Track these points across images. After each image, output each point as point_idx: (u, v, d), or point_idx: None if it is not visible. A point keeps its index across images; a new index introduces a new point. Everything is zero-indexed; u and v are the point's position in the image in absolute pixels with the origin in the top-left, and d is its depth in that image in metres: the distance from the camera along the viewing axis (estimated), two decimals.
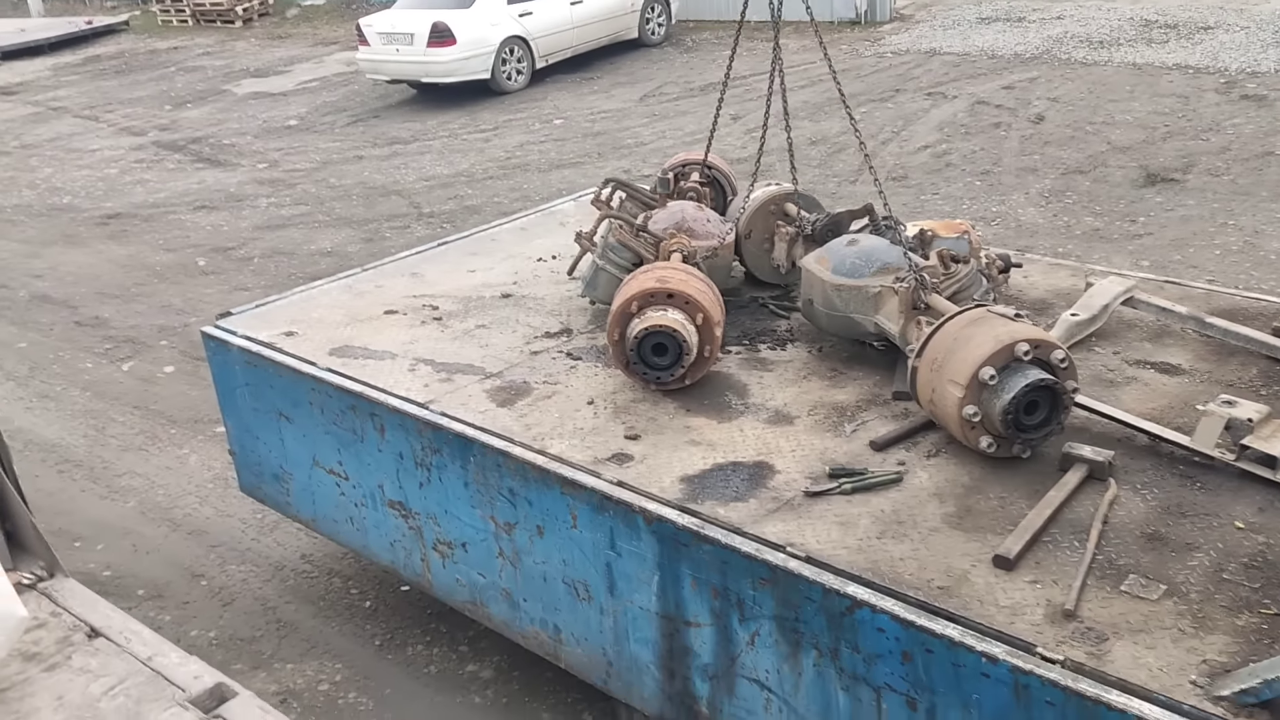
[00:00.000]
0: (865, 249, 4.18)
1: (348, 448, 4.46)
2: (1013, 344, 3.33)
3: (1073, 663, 2.60)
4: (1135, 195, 9.21)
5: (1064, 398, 3.37)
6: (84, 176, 13.70)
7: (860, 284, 4.06)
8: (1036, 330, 3.46)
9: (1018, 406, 3.31)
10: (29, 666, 2.88)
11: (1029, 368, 3.35)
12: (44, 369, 8.34)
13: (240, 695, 2.67)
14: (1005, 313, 3.56)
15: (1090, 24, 15.32)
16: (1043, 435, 3.41)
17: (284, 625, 5.26)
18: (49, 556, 3.27)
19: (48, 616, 3.07)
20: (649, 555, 3.45)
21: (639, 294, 3.94)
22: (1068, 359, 3.39)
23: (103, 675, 2.79)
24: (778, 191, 4.95)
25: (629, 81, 15.75)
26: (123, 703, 2.69)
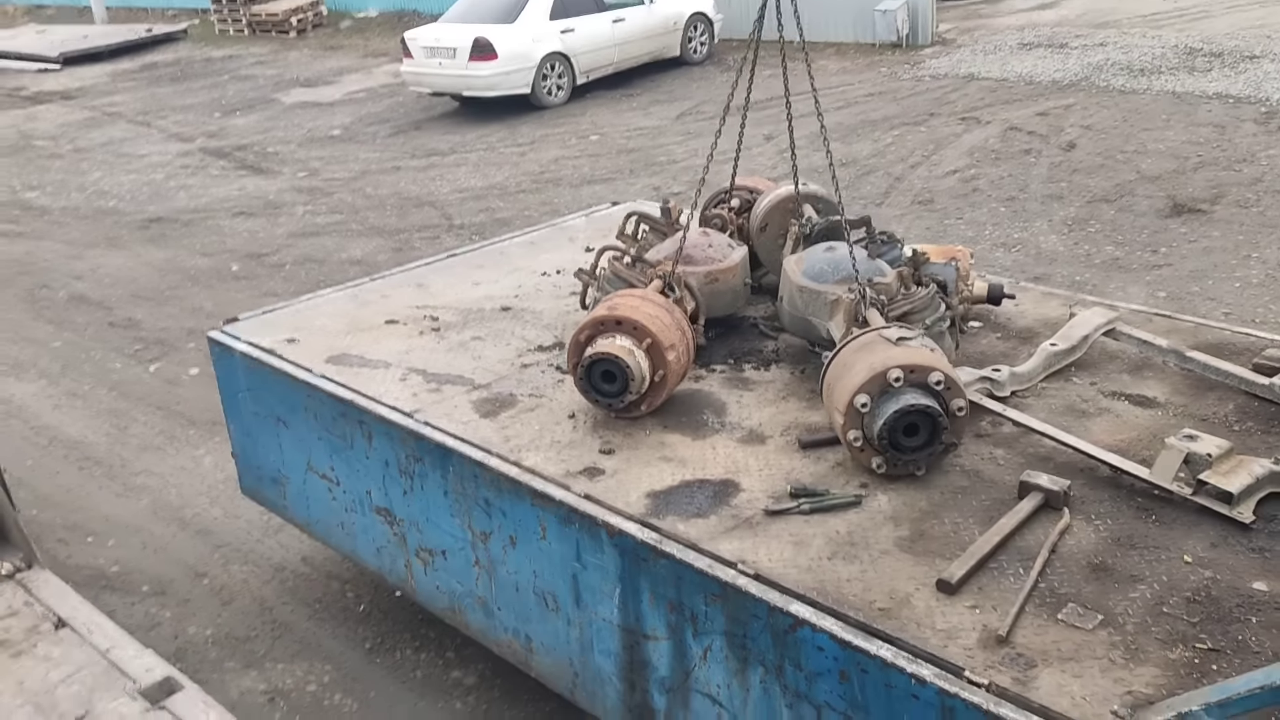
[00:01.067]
0: (838, 257, 4.25)
1: (339, 454, 4.59)
2: (884, 371, 3.45)
3: (997, 687, 2.63)
4: (1159, 225, 9.13)
5: (940, 420, 3.44)
6: (130, 181, 14.10)
7: (821, 289, 4.15)
8: (915, 354, 3.52)
9: (891, 431, 3.44)
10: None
11: (902, 393, 3.45)
12: (75, 368, 8.61)
13: (187, 689, 2.79)
14: (891, 337, 3.62)
15: (1133, 51, 15.18)
16: (928, 455, 3.50)
17: (279, 625, 5.39)
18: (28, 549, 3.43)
19: (21, 606, 3.22)
20: (611, 568, 3.52)
21: (590, 323, 4.02)
22: (946, 380, 3.47)
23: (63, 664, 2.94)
24: (792, 191, 4.99)
25: (668, 99, 15.88)
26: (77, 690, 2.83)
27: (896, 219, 9.74)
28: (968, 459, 3.65)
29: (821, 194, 5.03)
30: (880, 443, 3.47)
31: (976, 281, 4.71)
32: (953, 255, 4.69)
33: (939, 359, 3.59)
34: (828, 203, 5.00)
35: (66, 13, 30.01)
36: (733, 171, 5.34)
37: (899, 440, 3.47)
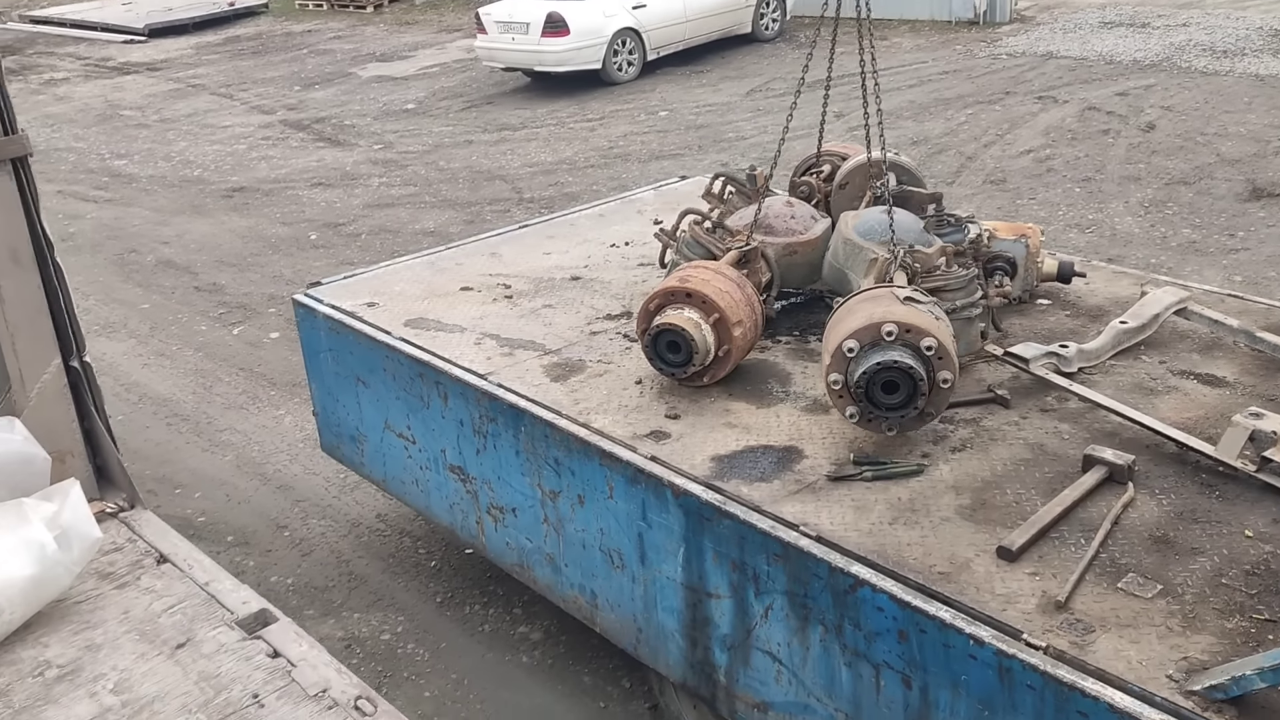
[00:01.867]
0: (884, 219, 4.25)
1: (415, 413, 4.76)
2: (880, 324, 3.47)
3: (1055, 650, 2.70)
4: (1238, 209, 8.95)
5: (920, 383, 3.44)
6: (214, 151, 14.48)
7: (865, 245, 4.20)
8: (915, 316, 3.51)
9: (868, 382, 3.47)
10: (103, 584, 3.25)
11: (891, 348, 3.46)
12: (163, 329, 8.95)
13: (280, 621, 2.98)
14: (900, 295, 3.63)
15: (1216, 32, 14.79)
16: (900, 416, 3.52)
17: (355, 578, 5.61)
18: (131, 490, 3.64)
19: (124, 542, 3.44)
20: (676, 528, 3.64)
21: (660, 293, 4.11)
22: (939, 350, 3.45)
23: (165, 595, 3.14)
24: (889, 157, 5.00)
25: (738, 76, 15.85)
26: (179, 620, 3.03)
27: (968, 198, 9.67)
28: (1031, 433, 3.69)
29: (908, 165, 5.03)
30: (857, 391, 3.51)
31: (1047, 259, 4.71)
32: (1023, 232, 4.69)
33: (940, 328, 3.56)
34: (913, 175, 5.00)
35: None
36: (819, 138, 5.32)
37: (875, 394, 3.50)
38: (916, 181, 5.00)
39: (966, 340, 4.05)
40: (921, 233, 4.34)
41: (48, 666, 2.93)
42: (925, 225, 4.49)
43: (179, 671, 2.84)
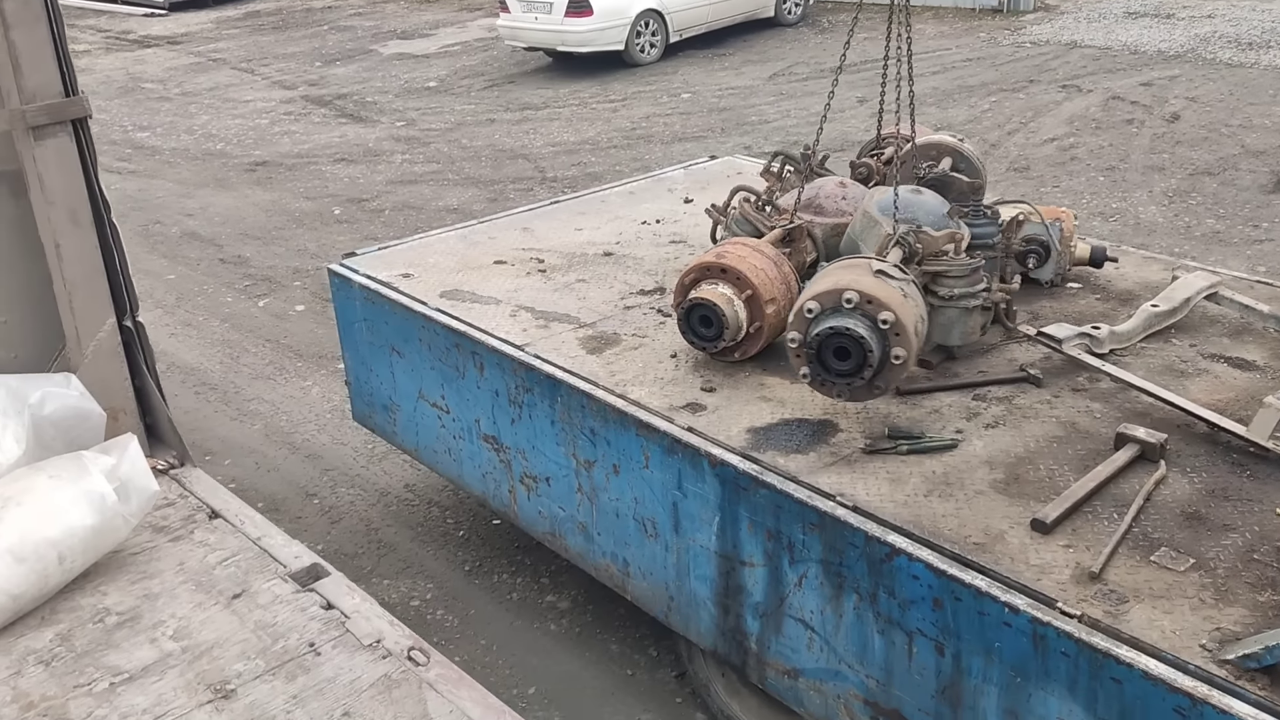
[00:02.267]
0: (916, 200, 4.26)
1: (450, 383, 4.83)
2: (842, 290, 3.57)
3: (1090, 619, 2.76)
4: (1262, 200, 8.96)
5: (869, 354, 3.53)
6: (237, 125, 14.55)
7: (881, 220, 4.19)
8: (880, 288, 3.57)
9: (820, 345, 3.59)
10: (157, 537, 3.34)
11: (847, 315, 3.56)
12: (189, 300, 9.03)
13: (333, 575, 3.06)
14: (874, 266, 3.70)
15: (1242, 24, 14.74)
16: (848, 384, 3.61)
17: (384, 545, 5.70)
18: (181, 448, 3.73)
19: (176, 498, 3.53)
20: (711, 497, 3.70)
21: (696, 267, 4.15)
22: (896, 325, 3.52)
23: (219, 549, 3.23)
24: (943, 140, 4.98)
25: (760, 60, 15.85)
26: (233, 572, 3.12)
27: (991, 185, 9.60)
28: (1064, 411, 3.75)
29: (968, 152, 4.95)
30: (809, 352, 3.63)
31: (1079, 244, 4.74)
32: (1057, 216, 4.72)
33: (903, 305, 3.59)
34: (970, 163, 4.95)
35: None
36: (879, 120, 5.21)
37: (826, 357, 3.61)
38: (973, 169, 4.93)
39: (962, 329, 4.05)
40: (943, 218, 4.32)
41: (107, 613, 3.02)
42: (953, 212, 4.51)
43: (236, 620, 2.92)
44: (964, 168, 4.94)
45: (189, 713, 2.66)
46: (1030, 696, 2.89)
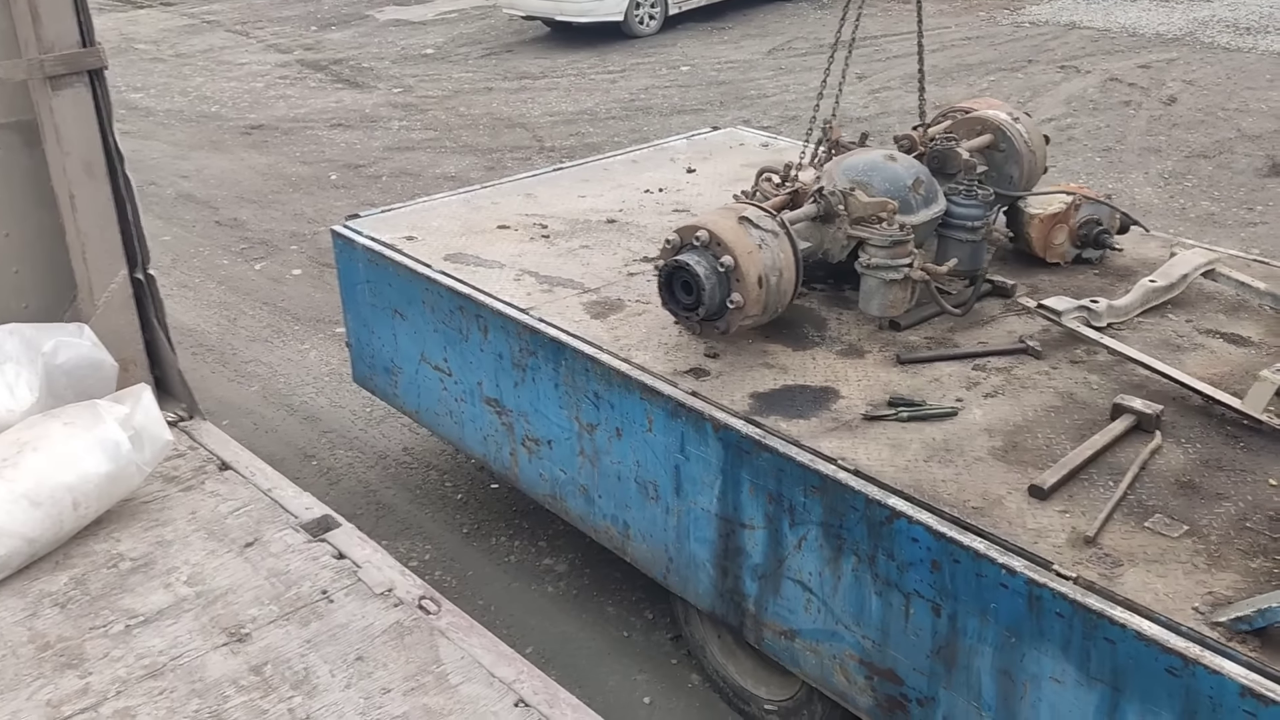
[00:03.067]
0: (879, 165, 4.31)
1: (453, 346, 4.86)
2: (695, 227, 3.90)
3: (1085, 581, 2.83)
4: (1257, 184, 9.04)
5: (702, 292, 3.84)
6: (231, 88, 14.47)
7: (837, 179, 4.29)
8: (729, 232, 3.86)
9: (669, 277, 3.98)
10: (169, 487, 3.38)
11: (694, 252, 3.88)
12: (185, 261, 9.03)
13: (344, 526, 3.11)
14: (744, 211, 3.97)
15: (1240, 9, 14.77)
16: (686, 317, 4.00)
17: (382, 507, 5.75)
18: (190, 400, 3.76)
19: (186, 449, 3.57)
20: (714, 460, 3.76)
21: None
22: (735, 269, 3.81)
23: (230, 499, 3.27)
24: (991, 116, 4.83)
25: (759, 34, 15.82)
26: (245, 521, 3.16)
27: None
28: (1062, 382, 3.81)
29: (1013, 132, 4.78)
30: (660, 280, 4.01)
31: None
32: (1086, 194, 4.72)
33: (752, 253, 3.84)
34: (1013, 143, 4.77)
35: None
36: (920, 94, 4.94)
37: (673, 288, 3.98)
38: (1014, 150, 4.77)
39: (881, 301, 4.11)
40: (903, 187, 4.26)
41: (121, 559, 3.06)
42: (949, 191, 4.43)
43: (249, 568, 2.97)
44: (1005, 147, 4.77)
45: (204, 654, 2.71)
46: (1024, 656, 2.96)
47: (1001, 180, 4.80)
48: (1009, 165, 4.81)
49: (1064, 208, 4.63)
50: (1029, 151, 4.82)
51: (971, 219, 4.38)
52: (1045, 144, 4.99)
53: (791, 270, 4.00)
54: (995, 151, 4.81)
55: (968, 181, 4.53)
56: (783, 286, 3.98)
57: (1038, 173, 4.92)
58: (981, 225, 4.38)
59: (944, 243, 4.48)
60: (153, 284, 3.79)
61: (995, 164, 4.82)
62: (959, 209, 4.40)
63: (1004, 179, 4.82)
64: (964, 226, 4.40)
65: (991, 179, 4.73)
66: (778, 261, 3.93)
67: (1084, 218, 4.65)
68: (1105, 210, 4.69)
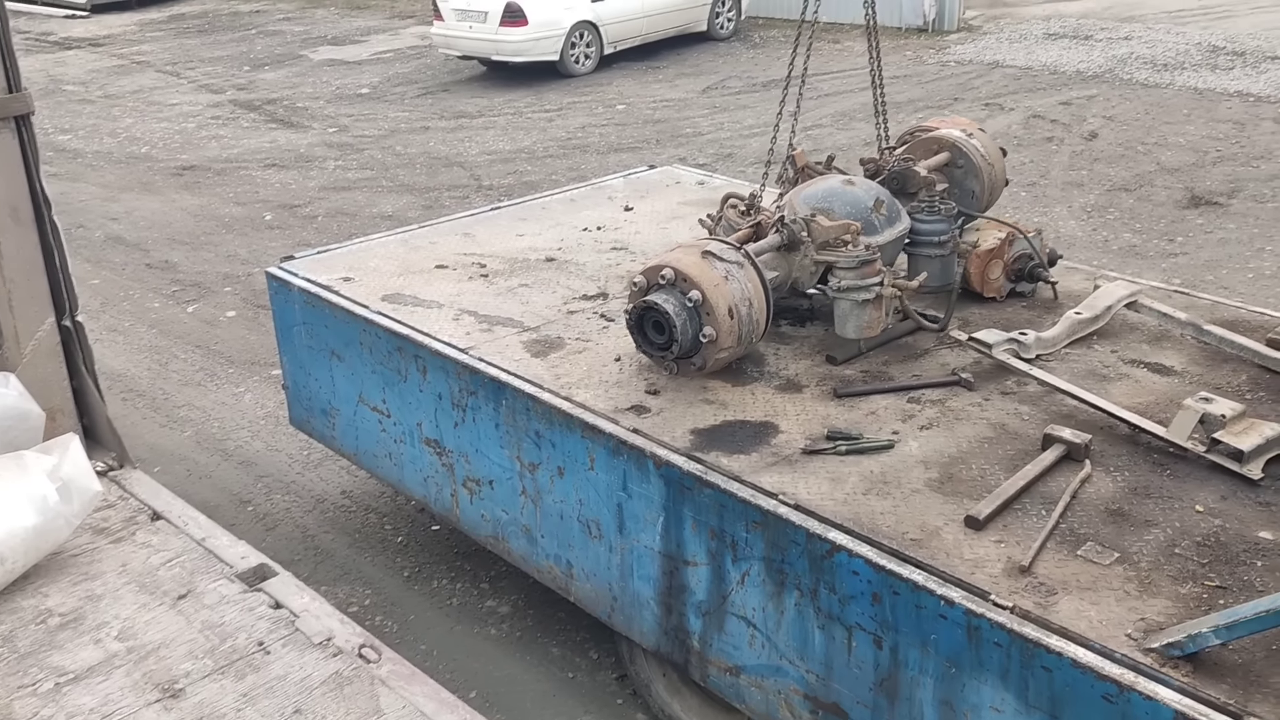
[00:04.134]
0: (839, 191, 4.36)
1: (392, 387, 4.83)
2: (660, 267, 3.89)
3: (1021, 610, 2.88)
4: (1177, 216, 9.34)
5: (673, 330, 3.83)
6: (162, 129, 14.28)
7: (799, 209, 4.31)
8: (695, 268, 3.85)
9: (639, 318, 3.95)
10: (98, 539, 3.29)
11: (662, 291, 3.88)
12: (115, 305, 8.85)
13: (280, 574, 3.06)
14: (709, 247, 3.96)
15: (1157, 46, 15.31)
16: (661, 357, 3.98)
17: (320, 552, 5.65)
18: (120, 449, 3.68)
19: (116, 499, 3.48)
20: (656, 497, 3.76)
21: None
22: (704, 303, 3.81)
23: (162, 550, 3.20)
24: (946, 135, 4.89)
25: (694, 73, 16.02)
26: (178, 573, 3.09)
27: None
28: (994, 413, 3.89)
29: (969, 149, 4.85)
30: (631, 323, 3.99)
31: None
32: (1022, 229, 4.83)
33: (718, 286, 3.84)
34: (970, 160, 4.83)
35: None
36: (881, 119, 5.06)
37: (646, 328, 3.96)
38: (972, 166, 4.87)
39: (856, 322, 4.15)
40: (865, 209, 4.30)
41: (50, 615, 2.97)
42: (912, 209, 4.52)
43: (182, 621, 2.90)
44: (963, 163, 4.89)
45: (137, 712, 2.64)
46: (964, 686, 3.00)
47: (964, 196, 4.89)
48: (969, 180, 4.92)
49: (998, 243, 4.75)
50: (987, 165, 4.93)
51: (937, 234, 4.49)
52: (1003, 156, 5.11)
53: (761, 299, 4.01)
54: (954, 169, 4.92)
55: (929, 198, 4.61)
56: (754, 316, 3.99)
57: (999, 185, 5.02)
58: (948, 239, 4.49)
59: (914, 260, 4.61)
60: (81, 331, 3.71)
61: (955, 180, 4.92)
62: (924, 225, 4.51)
63: (965, 194, 4.91)
64: (931, 242, 4.50)
65: (954, 195, 4.82)
66: (746, 292, 3.95)
67: (1017, 252, 4.77)
68: (1037, 244, 4.81)
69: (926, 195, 4.63)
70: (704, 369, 3.99)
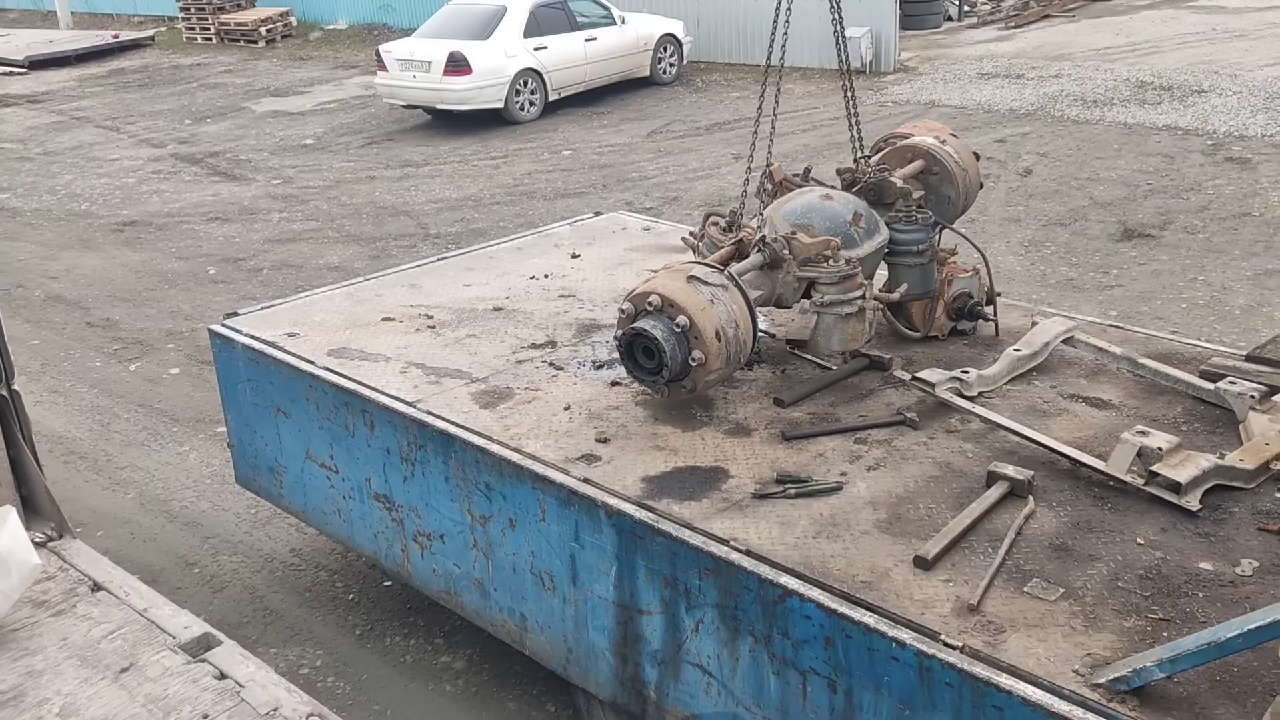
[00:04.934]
0: (818, 206, 4.40)
1: (339, 442, 4.78)
2: (647, 294, 3.94)
3: (970, 649, 2.91)
4: (1111, 249, 9.57)
5: (663, 355, 3.87)
6: (103, 185, 14.12)
7: (779, 226, 4.35)
8: (682, 292, 3.90)
9: (629, 344, 4.00)
10: (38, 612, 3.21)
11: (649, 317, 3.93)
12: (55, 365, 8.69)
13: (225, 644, 3.00)
14: (693, 271, 3.99)
15: (1087, 84, 15.75)
16: (652, 381, 4.02)
17: (270, 613, 5.55)
18: (59, 519, 3.60)
19: (56, 571, 3.40)
20: (609, 547, 3.76)
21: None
22: (692, 327, 3.86)
23: (103, 622, 3.13)
24: (920, 143, 4.87)
25: (638, 118, 16.19)
26: (120, 645, 3.02)
27: None
28: (939, 452, 3.94)
29: (943, 155, 4.85)
30: (621, 350, 4.04)
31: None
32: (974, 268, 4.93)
33: (704, 310, 3.88)
34: (945, 167, 4.83)
35: (30, 17, 29.82)
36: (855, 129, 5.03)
37: (635, 354, 4.01)
38: (947, 174, 4.86)
39: (841, 335, 4.25)
40: (844, 224, 4.34)
41: None
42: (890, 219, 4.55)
43: (125, 695, 2.83)
44: (937, 170, 4.88)
45: None
46: None
47: (940, 202, 4.93)
48: (944, 186, 4.96)
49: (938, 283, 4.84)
50: (961, 170, 4.97)
51: (916, 243, 4.56)
52: (976, 160, 5.14)
53: (747, 320, 4.07)
54: (929, 175, 4.94)
55: (906, 208, 4.66)
56: (741, 337, 4.04)
57: (974, 190, 5.06)
58: (926, 248, 4.54)
59: (894, 270, 4.68)
60: (18, 399, 3.64)
61: (931, 187, 4.94)
62: (902, 235, 4.56)
63: (942, 200, 4.96)
64: (910, 251, 4.57)
65: (930, 202, 4.87)
66: (732, 314, 4.02)
67: (957, 291, 4.86)
68: (975, 283, 4.90)
69: (903, 205, 4.66)
70: (694, 391, 4.06)
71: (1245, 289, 8.53)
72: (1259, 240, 9.56)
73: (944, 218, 4.92)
